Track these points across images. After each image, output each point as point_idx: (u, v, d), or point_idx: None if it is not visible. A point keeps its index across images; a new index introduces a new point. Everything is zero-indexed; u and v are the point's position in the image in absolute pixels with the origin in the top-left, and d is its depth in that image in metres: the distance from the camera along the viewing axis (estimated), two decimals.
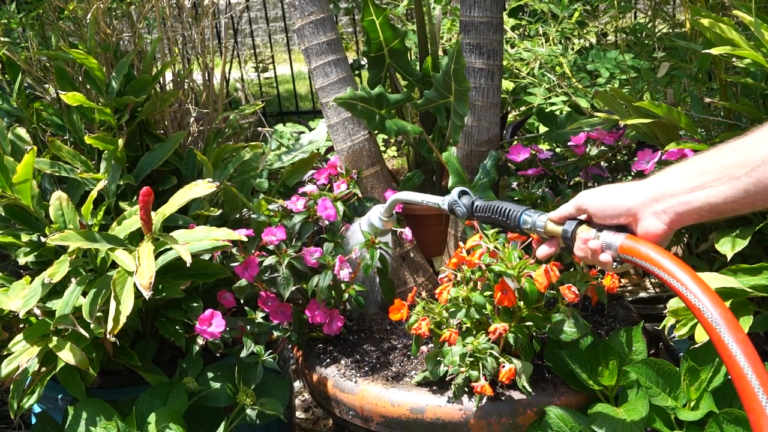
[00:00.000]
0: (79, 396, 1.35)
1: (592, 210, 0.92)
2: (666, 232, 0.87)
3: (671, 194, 0.84)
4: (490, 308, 1.22)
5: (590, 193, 0.93)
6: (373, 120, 1.43)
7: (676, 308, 1.25)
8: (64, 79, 1.59)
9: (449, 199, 1.13)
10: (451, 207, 1.13)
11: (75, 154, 1.50)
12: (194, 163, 1.65)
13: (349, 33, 4.75)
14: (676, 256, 0.84)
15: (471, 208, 1.10)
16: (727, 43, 1.27)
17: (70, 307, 1.25)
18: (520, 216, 1.02)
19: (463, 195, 1.12)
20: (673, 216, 0.85)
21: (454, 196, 1.12)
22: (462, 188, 1.13)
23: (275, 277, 1.37)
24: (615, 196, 0.90)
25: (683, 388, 1.21)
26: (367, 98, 1.41)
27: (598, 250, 0.91)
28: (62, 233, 1.23)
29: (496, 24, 1.46)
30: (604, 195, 0.91)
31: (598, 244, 0.91)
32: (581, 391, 1.25)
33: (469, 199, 1.12)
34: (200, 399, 1.38)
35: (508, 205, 1.05)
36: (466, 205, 1.11)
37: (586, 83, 2.21)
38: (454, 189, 1.14)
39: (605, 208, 0.90)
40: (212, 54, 1.81)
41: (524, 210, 1.02)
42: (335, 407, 1.35)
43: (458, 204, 1.11)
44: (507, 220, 1.04)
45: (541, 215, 1.00)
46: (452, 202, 1.12)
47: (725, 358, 0.73)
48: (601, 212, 0.91)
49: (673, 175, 0.85)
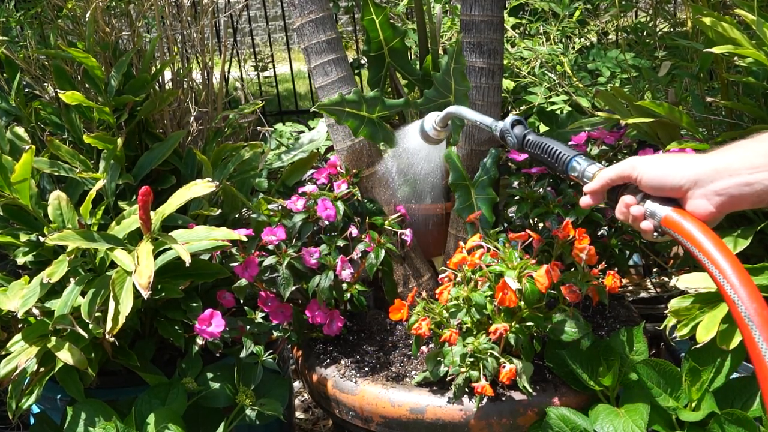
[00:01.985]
0: (78, 396, 1.35)
1: (641, 179, 0.86)
2: (713, 216, 0.81)
3: (730, 173, 0.78)
4: (491, 308, 1.22)
5: (642, 161, 0.87)
6: (360, 125, 1.41)
7: (677, 308, 1.25)
8: (62, 78, 1.58)
9: (502, 125, 1.09)
10: (503, 134, 1.09)
11: (74, 154, 1.50)
12: (193, 163, 1.65)
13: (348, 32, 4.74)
14: (722, 240, 0.80)
15: (522, 141, 1.06)
16: (728, 42, 1.26)
17: (68, 307, 1.25)
18: (569, 161, 0.98)
19: (516, 125, 1.08)
20: (726, 198, 0.79)
21: (507, 124, 1.08)
22: (517, 117, 1.09)
23: (275, 277, 1.37)
24: (667, 169, 0.83)
25: (684, 389, 1.21)
26: (357, 102, 1.39)
27: (640, 217, 0.87)
28: (61, 233, 1.23)
29: (497, 23, 1.45)
30: (655, 166, 0.85)
31: (641, 211, 0.87)
32: (582, 392, 1.25)
33: (521, 131, 1.07)
34: (199, 399, 1.38)
35: (560, 146, 1.00)
36: (517, 136, 1.06)
37: (587, 82, 2.21)
38: (509, 116, 1.09)
39: (654, 181, 0.84)
40: (211, 53, 1.80)
41: (575, 155, 0.98)
42: (335, 407, 1.35)
43: (510, 133, 1.07)
44: (555, 162, 0.99)
45: (591, 165, 0.96)
46: (504, 130, 1.08)
47: (754, 357, 0.70)
48: (649, 184, 0.85)
49: (735, 153, 0.78)
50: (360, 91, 1.42)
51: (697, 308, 1.23)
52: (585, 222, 1.37)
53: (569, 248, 1.25)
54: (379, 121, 1.42)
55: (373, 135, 1.42)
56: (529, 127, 1.08)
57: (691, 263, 1.54)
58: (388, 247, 1.40)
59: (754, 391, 1.19)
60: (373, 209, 1.53)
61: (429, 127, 1.30)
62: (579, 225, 1.32)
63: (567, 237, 1.25)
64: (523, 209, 1.41)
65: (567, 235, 1.25)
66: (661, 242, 0.96)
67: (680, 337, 1.24)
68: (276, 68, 4.51)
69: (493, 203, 1.43)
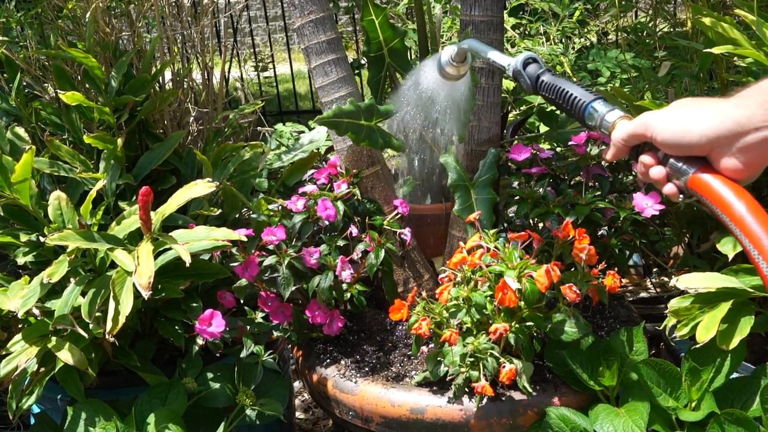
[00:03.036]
0: (78, 396, 1.35)
1: (655, 138, 0.76)
2: (745, 174, 0.72)
3: (756, 126, 0.69)
4: (491, 308, 1.22)
5: (655, 118, 0.77)
6: (360, 134, 1.41)
7: (677, 308, 1.25)
8: (62, 78, 1.58)
9: (514, 65, 0.99)
10: (515, 76, 0.99)
11: (74, 154, 1.50)
12: (194, 163, 1.65)
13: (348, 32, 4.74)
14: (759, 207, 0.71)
15: (535, 83, 0.96)
16: (728, 42, 1.26)
17: (69, 307, 1.25)
18: (585, 108, 0.88)
19: (530, 64, 0.97)
20: (755, 155, 0.70)
21: (519, 63, 0.98)
22: (530, 55, 0.99)
23: (275, 277, 1.37)
24: (683, 126, 0.73)
25: (684, 389, 1.21)
26: (355, 112, 1.39)
27: (662, 180, 0.78)
28: (61, 233, 1.23)
29: (497, 23, 1.45)
30: (670, 123, 0.75)
31: (662, 173, 0.78)
32: (582, 392, 1.25)
33: (535, 70, 0.96)
34: (200, 399, 1.38)
35: (576, 89, 0.90)
36: (530, 77, 0.96)
37: (587, 83, 2.21)
38: (521, 54, 0.99)
39: (671, 141, 0.75)
40: (212, 53, 1.80)
41: (592, 101, 0.87)
42: (335, 407, 1.35)
43: (522, 75, 0.97)
44: (571, 109, 0.90)
45: (610, 111, 0.85)
46: (516, 71, 0.98)
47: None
48: (666, 143, 0.76)
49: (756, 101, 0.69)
50: (356, 101, 1.42)
51: (696, 308, 1.23)
52: (585, 222, 1.37)
53: (569, 248, 1.25)
54: (377, 127, 1.41)
55: (374, 142, 1.42)
56: (544, 66, 0.97)
57: (691, 263, 1.54)
58: (388, 247, 1.40)
59: (754, 391, 1.19)
60: (373, 209, 1.53)
61: (446, 61, 1.22)
62: (579, 225, 1.32)
63: (567, 237, 1.25)
64: (523, 209, 1.41)
65: (567, 235, 1.25)
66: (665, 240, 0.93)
67: (680, 337, 1.24)
68: (276, 68, 4.51)
69: (493, 203, 1.43)
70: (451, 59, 1.21)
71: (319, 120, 1.37)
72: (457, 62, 1.21)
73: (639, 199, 1.36)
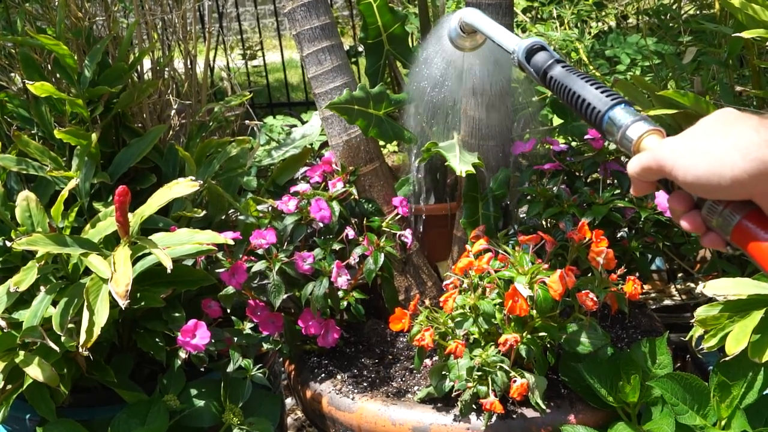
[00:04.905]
0: (49, 416, 1.35)
1: (677, 179, 0.64)
2: None
3: None
4: (500, 317, 1.22)
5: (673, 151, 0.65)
6: (369, 124, 1.41)
7: (704, 317, 1.24)
8: (31, 68, 1.58)
9: (519, 52, 0.89)
10: (520, 66, 0.90)
11: (44, 150, 1.50)
12: (175, 160, 1.65)
13: (344, 17, 4.75)
14: None
15: (544, 77, 0.86)
16: (760, 26, 1.26)
17: (38, 318, 1.25)
18: (602, 119, 0.76)
19: (537, 52, 0.87)
20: None
21: (521, 53, 0.88)
22: (536, 41, 0.88)
23: (265, 284, 1.37)
24: (709, 165, 0.61)
25: (713, 405, 1.21)
26: (365, 99, 1.39)
27: (700, 229, 0.67)
28: (30, 237, 1.23)
29: (506, 6, 1.45)
30: (694, 160, 0.63)
31: (698, 221, 0.66)
32: (600, 409, 1.24)
33: (544, 60, 0.86)
34: (182, 418, 1.38)
35: (590, 92, 0.78)
36: (537, 68, 0.87)
37: (605, 70, 2.21)
38: (526, 40, 0.89)
39: (698, 185, 0.63)
40: (195, 40, 1.80)
41: (610, 107, 0.75)
42: (330, 426, 1.35)
43: (526, 66, 0.88)
44: (587, 119, 0.79)
45: (635, 124, 0.72)
46: (521, 61, 0.88)
47: None
48: (693, 188, 0.64)
49: None
50: (365, 86, 1.42)
51: (726, 317, 1.23)
52: (603, 223, 1.37)
53: (585, 252, 1.25)
54: (387, 118, 1.42)
55: (384, 134, 1.43)
56: (555, 55, 0.86)
57: (720, 268, 1.54)
58: (388, 251, 1.40)
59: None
60: (372, 210, 1.53)
61: (455, 34, 1.15)
62: (596, 226, 1.32)
63: (583, 239, 1.25)
64: (534, 209, 1.41)
65: (583, 237, 1.25)
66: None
67: (708, 349, 1.23)
68: (266, 56, 4.51)
69: (497, 221, 1.46)
70: (460, 31, 1.14)
71: (330, 105, 1.37)
72: (466, 33, 1.14)
73: (662, 197, 1.36)
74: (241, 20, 5.25)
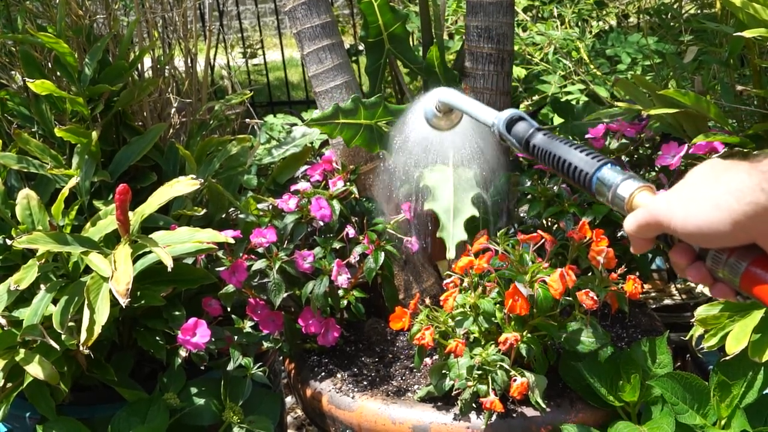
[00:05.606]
0: (49, 414, 1.35)
1: (676, 230, 0.63)
2: None
3: None
4: (500, 316, 1.22)
5: (667, 204, 0.64)
6: (355, 135, 1.38)
7: (704, 317, 1.25)
8: (31, 66, 1.58)
9: (498, 124, 0.88)
10: (501, 138, 0.89)
11: (44, 149, 1.50)
12: (176, 158, 1.65)
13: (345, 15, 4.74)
14: None
15: (527, 146, 0.85)
16: (761, 25, 1.26)
17: (39, 317, 1.25)
18: (591, 179, 0.75)
19: (516, 122, 0.86)
20: None
21: (501, 125, 0.87)
22: (514, 112, 0.88)
23: (265, 282, 1.37)
24: (706, 214, 0.60)
25: (713, 405, 1.21)
26: (353, 110, 1.37)
27: (707, 280, 0.65)
28: (30, 235, 1.23)
29: (507, 5, 1.46)
30: (690, 208, 0.62)
31: (703, 272, 0.65)
32: (600, 408, 1.25)
33: (525, 129, 0.85)
34: (182, 417, 1.38)
35: (575, 155, 0.78)
36: (519, 137, 0.86)
37: (606, 70, 2.21)
38: (504, 112, 0.88)
39: (696, 236, 0.62)
40: (195, 38, 1.80)
41: (597, 168, 0.75)
42: (330, 425, 1.35)
43: (507, 137, 0.87)
44: (577, 182, 0.78)
45: (624, 182, 0.71)
46: (501, 132, 0.88)
47: None
48: (692, 239, 0.63)
49: None
50: (359, 98, 1.41)
51: (726, 316, 1.23)
52: (603, 222, 1.37)
53: (586, 251, 1.25)
54: (377, 126, 1.41)
55: (370, 143, 1.41)
56: (535, 124, 0.86)
57: None
58: (388, 249, 1.40)
59: None
60: (372, 208, 1.53)
61: (430, 115, 1.14)
62: (596, 225, 1.32)
63: (583, 238, 1.25)
64: (535, 208, 1.42)
65: (583, 236, 1.25)
66: None
67: (708, 348, 1.24)
68: (266, 55, 4.51)
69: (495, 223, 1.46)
70: (436, 110, 1.12)
71: (309, 122, 1.36)
72: (443, 111, 1.12)
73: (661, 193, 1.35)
74: (242, 18, 5.25)
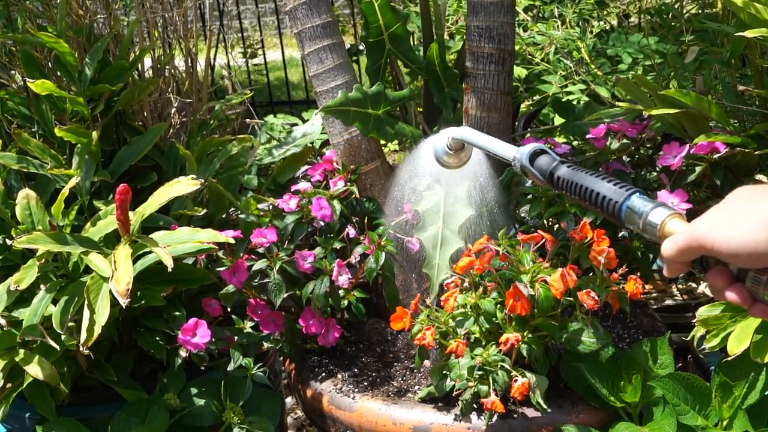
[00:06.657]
0: (49, 414, 1.35)
1: (723, 254, 0.63)
2: None
3: None
4: (501, 316, 1.22)
5: (710, 226, 0.65)
6: (367, 125, 1.41)
7: (706, 317, 1.24)
8: (31, 65, 1.58)
9: (520, 158, 0.90)
10: (523, 172, 0.91)
11: (44, 148, 1.50)
12: (176, 158, 1.65)
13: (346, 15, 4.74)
14: None
15: (551, 178, 0.87)
16: (762, 25, 1.26)
17: (38, 317, 1.25)
18: (620, 209, 0.77)
19: (539, 155, 0.89)
20: None
21: (525, 158, 0.89)
22: (537, 146, 0.90)
23: (266, 283, 1.37)
24: (747, 232, 0.61)
25: (714, 406, 1.21)
26: (362, 100, 1.38)
27: (747, 302, 0.66)
28: (30, 235, 1.23)
29: (507, 5, 1.45)
30: (733, 229, 0.62)
31: (743, 293, 0.65)
32: (601, 409, 1.24)
33: (549, 163, 0.87)
34: (182, 417, 1.38)
35: (602, 186, 0.80)
36: (542, 171, 0.88)
37: (607, 70, 2.21)
38: (527, 147, 0.91)
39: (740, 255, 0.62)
40: (195, 38, 1.80)
41: (627, 197, 0.77)
42: (331, 426, 1.35)
43: (531, 170, 0.89)
44: (604, 211, 0.80)
45: (655, 210, 0.74)
46: (524, 165, 0.90)
47: None
48: (736, 259, 0.63)
49: None
50: (362, 87, 1.42)
51: (728, 317, 1.23)
52: (604, 223, 1.36)
53: (587, 251, 1.25)
54: (386, 117, 1.42)
55: (383, 133, 1.42)
56: (557, 157, 0.87)
57: None
58: (389, 249, 1.40)
59: None
60: (373, 209, 1.53)
61: (441, 152, 1.17)
62: (598, 225, 1.32)
63: (584, 239, 1.25)
64: (536, 209, 1.41)
65: (584, 236, 1.25)
66: None
67: (709, 349, 1.24)
68: (266, 55, 4.51)
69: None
70: (448, 149, 1.16)
71: (324, 108, 1.37)
72: (453, 150, 1.15)
73: (664, 197, 1.36)
74: (242, 18, 5.25)
